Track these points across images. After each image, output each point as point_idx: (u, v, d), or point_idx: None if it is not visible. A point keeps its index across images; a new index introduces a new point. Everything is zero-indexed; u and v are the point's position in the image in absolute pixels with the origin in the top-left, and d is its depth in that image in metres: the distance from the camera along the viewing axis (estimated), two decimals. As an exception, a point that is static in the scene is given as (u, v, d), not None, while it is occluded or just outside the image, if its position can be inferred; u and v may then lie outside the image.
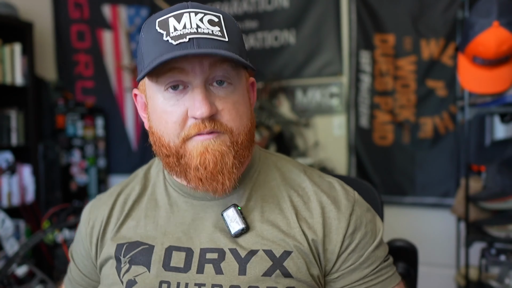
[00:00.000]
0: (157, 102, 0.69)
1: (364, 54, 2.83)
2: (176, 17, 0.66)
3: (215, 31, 0.65)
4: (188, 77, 0.66)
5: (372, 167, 2.84)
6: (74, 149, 3.07)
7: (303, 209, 0.74)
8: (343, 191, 0.76)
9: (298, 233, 0.71)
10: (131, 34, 3.41)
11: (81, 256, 0.83)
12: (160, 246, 0.72)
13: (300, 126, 2.98)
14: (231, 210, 0.72)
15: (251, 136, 0.73)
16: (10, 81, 2.65)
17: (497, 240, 1.73)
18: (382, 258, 0.74)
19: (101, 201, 0.84)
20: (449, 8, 2.60)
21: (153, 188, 0.80)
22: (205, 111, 0.64)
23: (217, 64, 0.66)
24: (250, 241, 0.70)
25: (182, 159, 0.68)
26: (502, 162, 1.83)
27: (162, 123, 0.69)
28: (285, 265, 0.68)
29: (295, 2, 2.99)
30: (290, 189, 0.76)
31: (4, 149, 2.66)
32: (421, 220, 2.74)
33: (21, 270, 1.95)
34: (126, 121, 3.42)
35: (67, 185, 3.00)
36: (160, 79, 0.67)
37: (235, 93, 0.69)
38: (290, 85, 3.01)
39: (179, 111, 0.67)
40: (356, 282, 0.72)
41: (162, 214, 0.76)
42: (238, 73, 0.70)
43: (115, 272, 0.73)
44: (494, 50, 1.58)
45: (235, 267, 0.68)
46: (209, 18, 0.66)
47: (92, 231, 0.80)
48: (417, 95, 2.71)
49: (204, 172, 0.66)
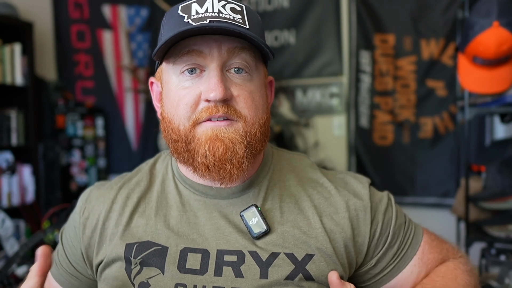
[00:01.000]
0: (171, 86, 0.68)
1: (364, 54, 2.83)
2: (199, 2, 0.65)
3: (236, 18, 0.64)
4: (205, 60, 0.64)
5: (372, 167, 2.84)
6: (74, 149, 3.08)
7: (326, 205, 0.72)
8: (356, 182, 0.77)
9: (320, 233, 0.69)
10: (131, 34, 3.41)
11: (70, 243, 0.78)
12: (175, 248, 0.68)
13: (300, 126, 2.98)
14: (251, 210, 0.69)
15: (266, 130, 0.69)
16: (10, 81, 2.65)
17: (497, 240, 1.73)
18: (403, 223, 0.77)
19: (99, 192, 0.78)
20: (449, 8, 2.60)
21: (162, 185, 0.76)
22: (219, 94, 0.62)
23: (236, 51, 0.65)
24: (271, 243, 0.68)
25: (190, 144, 0.65)
26: (502, 162, 1.83)
27: (174, 106, 0.67)
28: (307, 268, 0.67)
29: (295, 2, 2.99)
30: (308, 188, 0.74)
31: (4, 149, 2.66)
32: (421, 220, 2.70)
33: (21, 270, 1.95)
34: (126, 121, 3.42)
35: (67, 185, 3.00)
36: (177, 61, 0.66)
37: (252, 82, 0.67)
38: (290, 85, 3.01)
39: (193, 93, 0.65)
40: (392, 258, 0.74)
41: (174, 214, 0.72)
42: (257, 65, 0.68)
43: (124, 274, 0.69)
44: (494, 50, 1.58)
45: (256, 271, 0.66)
46: (232, 6, 0.65)
47: (86, 221, 0.75)
48: (417, 95, 2.71)
49: (212, 158, 0.63)
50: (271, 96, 0.77)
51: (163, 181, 0.77)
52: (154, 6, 3.38)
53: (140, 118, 3.43)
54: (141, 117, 3.43)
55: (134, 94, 3.41)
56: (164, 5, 3.31)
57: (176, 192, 0.74)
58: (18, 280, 1.96)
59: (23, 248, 1.61)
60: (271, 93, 0.77)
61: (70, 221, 0.81)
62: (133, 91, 3.40)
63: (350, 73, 2.87)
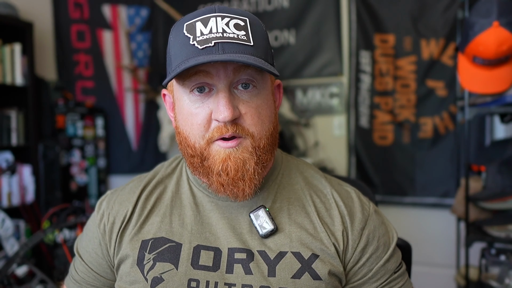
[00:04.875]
0: (183, 104, 0.71)
1: (364, 54, 2.83)
2: (203, 21, 0.67)
3: (240, 35, 0.66)
4: (213, 80, 0.67)
5: (372, 167, 2.84)
6: (74, 149, 3.08)
7: (326, 215, 0.75)
8: (359, 203, 0.77)
9: (324, 237, 0.72)
10: (131, 34, 3.41)
11: (95, 255, 0.80)
12: (188, 245, 0.72)
13: (300, 126, 2.98)
14: (260, 211, 0.73)
15: (274, 140, 0.74)
16: (10, 81, 2.65)
17: (497, 240, 1.73)
18: (393, 270, 0.75)
19: (122, 196, 0.81)
20: (449, 8, 2.60)
21: (176, 186, 0.80)
22: (228, 115, 0.65)
23: (241, 68, 0.67)
24: (279, 242, 0.71)
25: (205, 161, 0.70)
26: (502, 162, 1.83)
27: (188, 124, 0.70)
28: (313, 267, 0.70)
29: (295, 2, 2.99)
30: (313, 194, 0.78)
31: (4, 149, 2.66)
32: (421, 220, 2.74)
33: (21, 270, 1.95)
34: (126, 121, 3.42)
35: (67, 185, 3.00)
36: (186, 81, 0.69)
37: (259, 96, 0.70)
38: (290, 85, 3.01)
39: (204, 113, 0.68)
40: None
41: (188, 213, 0.76)
42: (263, 77, 0.71)
43: (137, 269, 0.72)
44: (494, 50, 1.58)
45: (265, 268, 0.69)
46: (235, 22, 0.67)
47: (113, 227, 0.77)
48: (417, 95, 2.71)
49: (226, 178, 0.68)
50: (279, 99, 0.81)
51: (177, 182, 0.81)
52: (154, 6, 3.38)
53: (140, 118, 3.43)
54: (141, 117, 3.43)
55: (134, 94, 3.41)
56: (164, 5, 3.31)
57: (190, 193, 0.78)
58: (18, 280, 1.96)
59: (23, 248, 1.61)
60: (279, 96, 0.81)
61: (88, 235, 0.82)
62: (133, 91, 3.40)
63: (350, 73, 2.87)
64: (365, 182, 2.79)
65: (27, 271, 1.99)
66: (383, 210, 3.04)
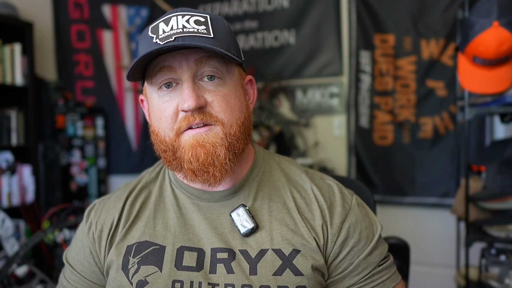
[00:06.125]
0: (153, 101, 0.73)
1: (364, 54, 2.83)
2: (165, 21, 0.70)
3: (200, 29, 0.68)
4: (177, 74, 0.70)
5: (372, 167, 2.84)
6: (74, 149, 3.07)
7: (306, 211, 0.76)
8: (340, 196, 0.77)
9: (305, 232, 0.73)
10: (131, 34, 3.41)
11: (87, 264, 0.80)
12: (172, 247, 0.73)
13: (300, 126, 2.98)
14: (239, 210, 0.73)
15: (246, 129, 0.74)
16: (10, 81, 2.65)
17: (497, 240, 1.73)
18: (376, 263, 0.74)
19: (108, 204, 0.82)
20: (449, 8, 2.60)
21: (159, 190, 0.81)
22: (192, 103, 0.67)
23: (203, 60, 0.69)
24: (260, 240, 0.72)
25: (176, 153, 0.71)
26: (502, 162, 1.83)
27: (157, 119, 0.72)
28: (294, 263, 0.70)
29: (295, 2, 2.99)
30: (294, 190, 0.78)
31: (4, 149, 2.66)
32: (421, 220, 2.74)
33: (21, 270, 1.95)
34: (126, 121, 3.42)
35: (67, 185, 3.00)
36: (153, 79, 0.72)
37: (225, 86, 0.71)
38: (290, 85, 3.01)
39: (171, 106, 0.70)
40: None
41: (171, 216, 0.77)
42: (228, 69, 0.73)
43: (122, 274, 0.73)
44: (494, 50, 1.58)
45: (246, 267, 0.70)
46: (196, 19, 0.70)
47: (101, 234, 0.78)
48: (417, 95, 2.71)
49: (196, 164, 0.69)
50: (253, 94, 0.81)
51: (160, 186, 0.82)
52: (154, 6, 3.38)
53: (140, 118, 3.43)
54: (141, 117, 3.43)
55: (134, 94, 3.41)
56: (164, 5, 3.31)
57: (173, 196, 0.79)
58: (18, 280, 1.96)
59: (23, 248, 1.61)
60: (253, 92, 0.81)
61: (78, 245, 0.82)
62: (133, 91, 3.40)
63: (350, 73, 2.87)
64: (365, 182, 2.79)
65: (27, 271, 1.99)
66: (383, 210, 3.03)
